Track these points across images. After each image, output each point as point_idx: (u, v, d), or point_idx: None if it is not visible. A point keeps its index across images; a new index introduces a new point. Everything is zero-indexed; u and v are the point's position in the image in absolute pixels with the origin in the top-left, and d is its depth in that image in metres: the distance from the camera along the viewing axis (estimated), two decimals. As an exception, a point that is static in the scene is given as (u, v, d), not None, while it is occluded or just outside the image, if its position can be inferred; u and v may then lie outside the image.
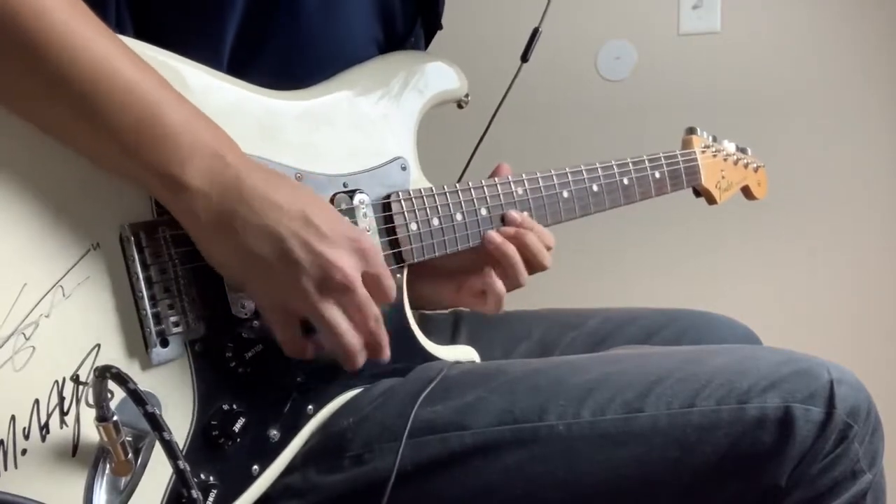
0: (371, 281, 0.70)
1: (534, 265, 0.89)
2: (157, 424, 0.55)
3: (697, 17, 1.94)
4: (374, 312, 0.70)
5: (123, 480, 0.61)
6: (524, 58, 1.09)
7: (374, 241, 0.70)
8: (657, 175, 1.05)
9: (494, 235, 0.88)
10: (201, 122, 0.65)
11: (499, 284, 0.88)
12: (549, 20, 1.08)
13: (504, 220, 0.89)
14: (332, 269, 0.66)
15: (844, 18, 1.89)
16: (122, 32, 0.69)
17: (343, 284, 0.67)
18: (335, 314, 0.68)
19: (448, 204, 0.85)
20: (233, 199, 0.63)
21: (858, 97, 1.90)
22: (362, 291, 0.68)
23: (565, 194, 0.95)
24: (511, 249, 0.87)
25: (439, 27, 1.00)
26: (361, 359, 0.71)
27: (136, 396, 0.55)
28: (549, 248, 0.90)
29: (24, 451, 0.57)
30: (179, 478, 0.54)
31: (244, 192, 0.64)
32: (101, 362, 0.61)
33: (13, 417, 0.57)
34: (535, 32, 1.09)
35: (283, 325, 0.69)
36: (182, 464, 0.54)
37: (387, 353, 0.73)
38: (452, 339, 1.01)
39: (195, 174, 0.63)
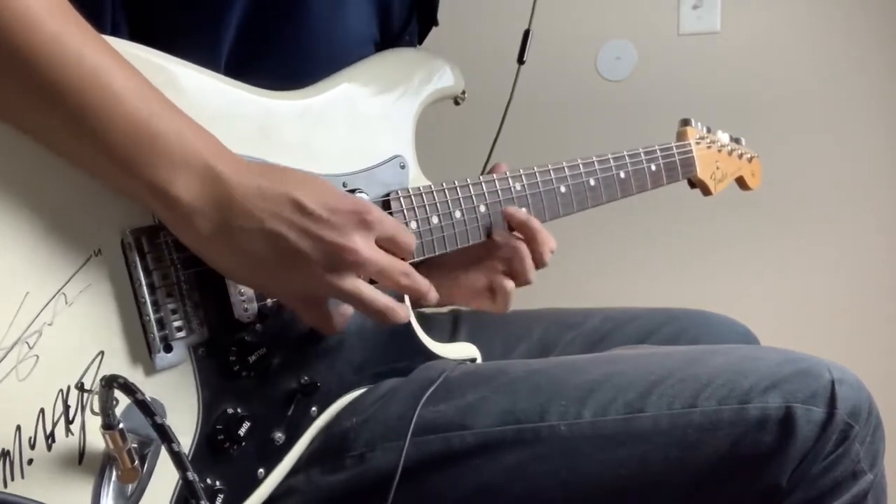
0: (387, 243, 0.69)
1: (536, 262, 0.89)
2: (166, 436, 0.54)
3: (697, 17, 1.94)
4: (399, 269, 0.69)
5: (130, 487, 0.61)
6: (520, 60, 1.09)
7: (374, 205, 0.69)
8: (653, 167, 1.05)
9: (503, 230, 0.89)
10: (192, 133, 0.63)
11: (508, 282, 0.88)
12: (549, 21, 1.08)
13: (506, 216, 0.89)
14: (341, 251, 0.65)
15: (844, 18, 1.89)
16: (117, 34, 0.69)
17: (356, 262, 0.66)
18: (357, 286, 0.67)
19: (447, 201, 0.85)
20: (225, 208, 0.62)
21: (858, 97, 1.90)
22: (379, 258, 0.67)
23: (563, 189, 0.95)
24: (521, 244, 0.88)
25: (435, 23, 1.00)
26: (402, 312, 0.70)
27: (145, 407, 0.55)
28: (551, 251, 0.90)
29: (30, 461, 0.57)
30: (188, 489, 0.54)
31: (236, 199, 0.62)
32: (105, 369, 0.61)
33: (18, 427, 0.56)
34: (527, 34, 1.10)
35: (309, 311, 0.69)
36: (191, 475, 0.54)
37: (433, 295, 0.73)
38: (452, 338, 1.01)
39: (186, 188, 0.61)
